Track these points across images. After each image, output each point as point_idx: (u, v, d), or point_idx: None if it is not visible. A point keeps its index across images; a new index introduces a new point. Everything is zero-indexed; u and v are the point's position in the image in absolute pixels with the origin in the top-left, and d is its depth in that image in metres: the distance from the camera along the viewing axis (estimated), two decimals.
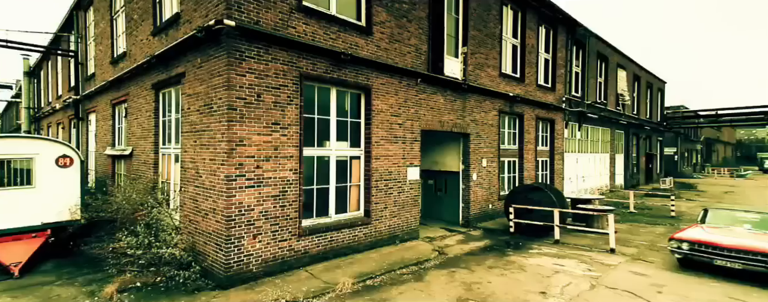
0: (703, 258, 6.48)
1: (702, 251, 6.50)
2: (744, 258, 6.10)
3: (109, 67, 10.55)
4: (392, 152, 8.34)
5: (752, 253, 6.03)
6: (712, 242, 6.46)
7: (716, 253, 6.34)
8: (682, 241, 6.77)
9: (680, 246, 6.76)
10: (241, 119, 5.78)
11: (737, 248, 6.20)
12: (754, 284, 6.09)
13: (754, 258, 6.01)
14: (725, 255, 6.27)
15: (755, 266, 6.01)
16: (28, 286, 5.89)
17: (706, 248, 6.46)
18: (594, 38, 17.87)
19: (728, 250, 6.25)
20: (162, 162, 8.04)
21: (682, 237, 6.83)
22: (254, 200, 5.96)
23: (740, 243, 6.27)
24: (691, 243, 6.66)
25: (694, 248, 6.60)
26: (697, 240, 6.63)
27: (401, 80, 8.49)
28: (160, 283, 5.69)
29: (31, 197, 7.01)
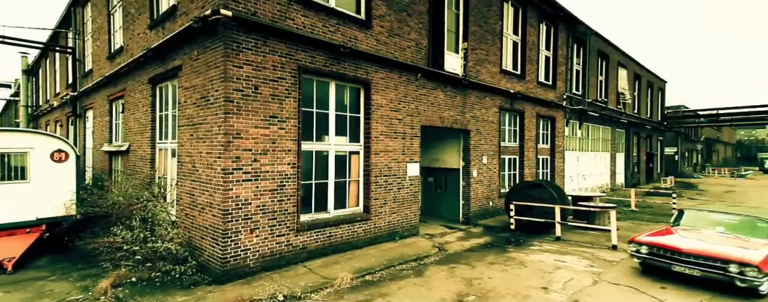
0: (661, 264, 5.80)
1: (661, 255, 5.82)
2: (703, 264, 5.41)
3: (106, 63, 10.46)
4: (392, 147, 8.25)
5: (711, 259, 5.34)
6: (670, 246, 5.75)
7: (674, 258, 5.66)
8: (641, 244, 6.06)
9: (639, 249, 6.07)
10: (238, 112, 5.68)
11: (696, 253, 5.48)
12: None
13: (712, 265, 5.32)
14: (684, 261, 5.56)
15: (713, 273, 5.31)
16: (22, 281, 5.79)
17: (665, 252, 5.77)
18: (594, 36, 17.79)
19: (687, 255, 5.54)
20: (159, 157, 7.94)
21: (641, 240, 6.14)
22: (251, 194, 5.87)
23: (699, 248, 5.55)
24: (650, 247, 5.95)
25: (653, 252, 5.90)
26: (656, 244, 5.93)
27: (401, 74, 8.40)
28: (156, 278, 5.59)
29: (25, 192, 6.92)
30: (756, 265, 5.03)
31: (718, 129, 54.30)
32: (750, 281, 5.08)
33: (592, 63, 17.68)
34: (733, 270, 5.13)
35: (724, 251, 5.39)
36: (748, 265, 5.05)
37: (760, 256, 5.20)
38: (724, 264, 5.21)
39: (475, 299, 5.23)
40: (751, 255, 5.23)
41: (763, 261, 5.11)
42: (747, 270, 5.06)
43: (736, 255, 5.24)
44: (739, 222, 6.38)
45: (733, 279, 5.17)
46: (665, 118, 29.44)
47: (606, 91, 19.23)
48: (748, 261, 5.08)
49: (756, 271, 5.02)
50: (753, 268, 5.03)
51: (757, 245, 5.64)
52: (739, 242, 5.78)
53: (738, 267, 5.11)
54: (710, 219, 6.69)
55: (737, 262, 5.13)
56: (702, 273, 5.41)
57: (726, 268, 5.19)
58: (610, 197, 15.40)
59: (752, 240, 5.85)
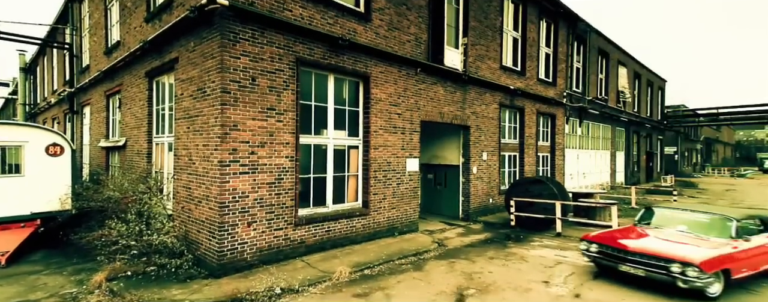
0: (609, 263, 5.45)
1: (609, 254, 5.46)
2: (647, 263, 5.03)
3: (103, 58, 10.38)
4: (391, 142, 8.17)
5: (654, 258, 4.96)
6: (618, 244, 5.42)
7: (621, 257, 5.30)
8: (591, 242, 5.68)
9: (589, 248, 5.70)
10: (235, 103, 5.60)
11: (641, 252, 5.13)
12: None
13: (656, 264, 4.93)
14: (630, 261, 5.19)
15: (656, 273, 4.93)
16: (15, 275, 5.70)
17: (613, 251, 5.41)
18: (595, 34, 17.74)
19: (633, 254, 5.19)
20: (156, 152, 7.86)
21: (592, 238, 5.78)
22: (249, 186, 5.79)
23: (644, 247, 5.23)
24: (600, 245, 5.58)
25: (602, 251, 5.53)
26: (605, 242, 5.58)
27: (400, 68, 8.32)
28: (151, 272, 5.50)
29: (19, 186, 6.84)
30: (697, 265, 4.59)
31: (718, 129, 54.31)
32: (691, 282, 4.64)
33: (592, 61, 17.62)
34: (675, 270, 4.72)
35: (668, 250, 5.02)
36: (689, 265, 4.63)
37: (704, 255, 4.77)
38: (667, 263, 4.81)
39: (475, 292, 5.15)
40: (693, 253, 4.82)
41: (706, 260, 4.67)
42: (688, 269, 4.63)
43: (679, 253, 4.85)
44: (705, 220, 5.89)
45: (674, 279, 4.75)
46: (665, 117, 29.40)
47: (606, 89, 19.17)
48: (688, 260, 4.66)
49: (697, 271, 4.59)
50: (694, 268, 4.60)
51: (714, 244, 5.22)
52: (696, 241, 5.37)
53: (680, 266, 4.70)
54: (676, 217, 6.20)
55: (679, 261, 4.72)
56: (646, 273, 5.02)
57: (668, 268, 4.78)
58: (610, 195, 15.33)
59: (712, 238, 5.42)
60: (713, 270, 4.71)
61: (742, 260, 5.11)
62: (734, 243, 5.27)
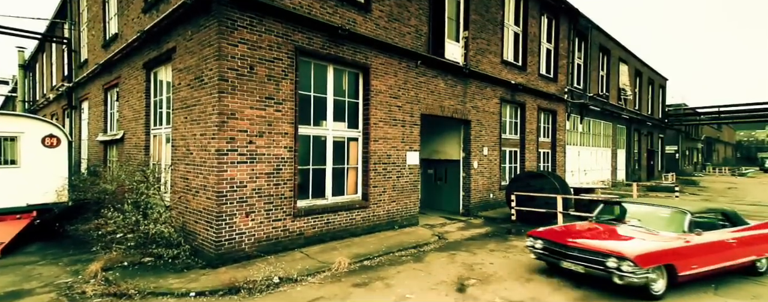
0: (552, 259, 5.15)
1: (552, 250, 5.14)
2: (586, 259, 4.72)
3: (101, 51, 10.31)
4: (391, 134, 8.09)
5: (592, 253, 4.66)
6: (561, 240, 5.10)
7: (562, 253, 4.98)
8: (537, 238, 5.38)
9: (534, 244, 5.38)
10: (233, 91, 5.53)
11: (580, 247, 4.83)
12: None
13: (594, 260, 4.62)
14: (570, 256, 4.89)
15: (594, 269, 4.63)
16: (10, 266, 5.62)
17: (555, 247, 5.11)
18: (596, 30, 17.66)
19: (572, 249, 4.88)
20: (153, 144, 7.78)
21: (537, 233, 5.47)
22: (247, 176, 5.71)
23: (585, 241, 4.92)
24: (545, 241, 5.27)
25: (546, 247, 5.23)
26: (549, 237, 5.28)
27: (401, 60, 8.25)
28: (148, 262, 5.43)
29: (15, 177, 6.76)
30: (632, 259, 4.28)
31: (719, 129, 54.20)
32: (627, 277, 4.31)
33: (594, 57, 17.54)
34: (611, 265, 4.41)
35: (605, 244, 4.77)
36: (624, 259, 4.33)
37: (640, 249, 4.48)
38: (604, 258, 4.52)
39: (476, 282, 5.08)
40: (629, 247, 4.57)
41: (642, 255, 4.36)
42: (623, 264, 4.32)
43: (615, 247, 4.58)
44: (659, 214, 5.53)
45: (611, 274, 4.45)
46: (666, 115, 29.31)
47: (607, 86, 19.08)
48: (623, 254, 4.36)
49: (631, 266, 4.27)
50: (628, 262, 4.29)
51: (662, 238, 4.90)
52: (644, 235, 5.04)
53: (615, 261, 4.39)
54: (632, 212, 5.87)
55: (615, 256, 4.42)
56: (585, 270, 4.71)
57: (604, 263, 4.49)
58: (611, 191, 15.25)
59: (662, 233, 5.07)
60: (651, 265, 4.36)
61: (691, 256, 4.72)
62: (686, 237, 4.90)
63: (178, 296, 4.40)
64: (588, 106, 16.38)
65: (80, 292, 4.52)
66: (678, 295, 4.73)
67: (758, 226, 5.71)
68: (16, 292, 4.62)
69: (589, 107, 16.59)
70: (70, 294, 4.51)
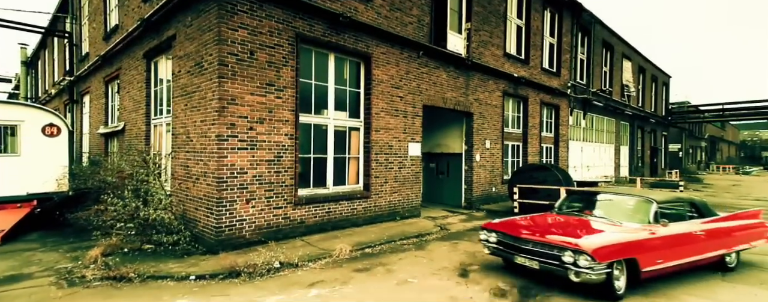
0: (506, 254, 4.65)
1: (506, 244, 4.65)
2: (541, 253, 4.24)
3: (102, 44, 10.29)
4: (393, 125, 8.03)
5: (548, 246, 4.18)
6: (515, 232, 4.61)
7: (517, 247, 4.50)
8: (492, 231, 4.87)
9: (488, 237, 4.89)
10: (233, 77, 5.48)
11: (535, 240, 4.35)
12: None
13: (550, 254, 4.15)
14: (524, 250, 4.40)
15: (550, 264, 4.13)
16: (10, 252, 5.59)
17: (509, 240, 4.62)
18: (599, 26, 17.55)
19: (527, 243, 4.40)
20: (154, 134, 7.75)
21: (493, 226, 4.95)
22: (247, 162, 5.67)
23: (539, 234, 4.45)
24: (499, 234, 4.77)
25: (501, 240, 4.73)
26: (504, 230, 4.75)
27: (402, 50, 8.19)
28: (148, 249, 5.40)
29: (16, 166, 6.74)
30: (588, 253, 3.79)
31: (723, 128, 53.88)
32: (584, 274, 3.82)
33: (597, 53, 17.43)
34: (567, 260, 3.93)
35: (561, 236, 4.26)
36: (580, 252, 3.85)
37: (597, 241, 4.01)
38: (560, 252, 4.03)
39: (478, 269, 5.01)
40: (585, 239, 4.08)
41: (600, 247, 3.87)
42: (579, 258, 3.85)
43: (571, 240, 4.06)
44: (623, 204, 5.10)
45: (566, 271, 3.96)
46: (669, 113, 29.15)
47: (610, 82, 18.96)
48: (579, 247, 3.88)
49: (588, 260, 3.78)
50: (585, 256, 3.80)
51: (624, 230, 4.43)
52: (606, 226, 4.58)
53: (572, 255, 3.90)
54: (596, 203, 5.38)
55: (571, 249, 3.93)
56: (540, 266, 4.22)
57: (560, 258, 4.01)
58: (614, 186, 15.13)
59: (625, 224, 4.64)
60: (610, 260, 3.86)
61: (656, 249, 4.24)
62: (651, 228, 4.44)
63: (178, 279, 4.36)
64: (591, 101, 16.27)
65: (80, 276, 4.48)
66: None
67: (728, 217, 5.29)
68: (16, 276, 4.59)
69: (593, 103, 16.48)
70: (69, 277, 4.47)
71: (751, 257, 5.72)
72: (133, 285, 4.26)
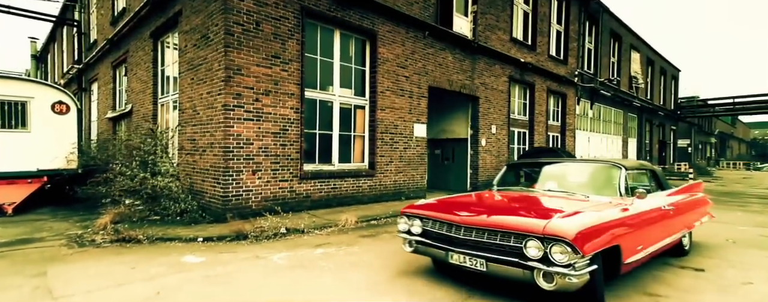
0: (436, 250, 3.07)
1: (436, 236, 3.12)
2: (488, 247, 2.78)
3: (109, 29, 10.38)
4: (398, 104, 8.01)
5: (502, 236, 2.72)
6: (448, 217, 3.08)
7: (452, 239, 2.99)
8: (413, 217, 3.31)
9: (410, 228, 3.31)
10: (239, 47, 5.50)
11: (478, 225, 2.86)
12: None
13: (501, 247, 2.72)
14: (462, 244, 2.91)
15: (505, 263, 2.66)
16: (22, 221, 5.69)
17: (440, 228, 3.10)
18: (607, 15, 17.34)
19: (468, 231, 2.91)
20: (161, 113, 7.81)
21: (415, 209, 3.36)
22: (253, 134, 5.68)
23: (486, 218, 2.91)
24: (426, 221, 3.22)
25: (427, 230, 3.21)
26: (432, 214, 3.20)
27: (408, 30, 8.16)
28: (156, 219, 5.43)
29: (26, 142, 6.82)
30: (568, 240, 2.42)
31: (733, 125, 53.05)
32: (563, 274, 2.41)
33: (604, 43, 17.24)
34: (533, 254, 2.54)
35: (520, 219, 2.79)
36: (554, 240, 2.46)
37: (577, 223, 2.57)
38: (519, 241, 2.62)
39: None
40: (559, 221, 2.59)
41: (582, 232, 2.49)
42: (555, 250, 2.46)
43: (539, 223, 2.59)
44: (584, 173, 3.93)
45: (533, 272, 2.54)
46: (679, 107, 28.77)
47: (618, 73, 18.74)
48: (553, 233, 2.47)
49: (568, 252, 2.42)
50: (562, 246, 2.44)
51: (597, 206, 3.06)
52: (568, 203, 3.25)
53: (540, 246, 2.52)
54: (548, 174, 4.09)
55: (538, 236, 2.53)
56: (488, 266, 2.73)
57: (521, 251, 2.60)
58: None
59: (593, 197, 3.39)
60: (596, 250, 2.54)
61: (635, 231, 3.02)
62: (624, 202, 3.22)
63: (186, 241, 4.39)
64: (598, 91, 16.09)
65: (90, 240, 4.53)
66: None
67: (682, 190, 4.33)
68: (28, 239, 4.65)
69: (600, 93, 16.31)
70: (80, 241, 4.52)
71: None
72: (142, 245, 4.30)
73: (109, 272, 3.38)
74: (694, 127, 35.09)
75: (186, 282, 3.12)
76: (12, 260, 3.80)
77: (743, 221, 6.63)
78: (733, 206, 8.78)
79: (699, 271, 3.68)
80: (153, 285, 3.03)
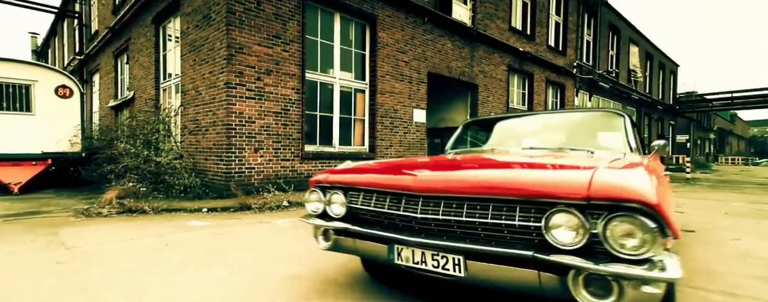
0: (366, 247, 1.79)
1: (368, 217, 1.83)
2: (465, 227, 1.51)
3: (111, 18, 10.46)
4: (398, 89, 8.10)
5: (489, 204, 1.45)
6: (392, 182, 1.74)
7: (400, 221, 1.68)
8: (332, 188, 1.98)
9: (329, 205, 1.98)
10: (241, 25, 5.58)
11: (451, 190, 1.55)
12: None
13: (490, 230, 1.45)
14: (419, 228, 1.63)
15: (515, 253, 1.35)
16: (28, 199, 5.78)
17: (379, 202, 1.77)
18: (606, 7, 17.43)
19: (425, 206, 1.60)
20: (164, 97, 7.89)
21: (334, 177, 2.00)
22: (255, 112, 5.77)
23: (460, 176, 1.73)
24: (352, 193, 1.90)
25: (354, 208, 1.87)
26: (362, 182, 1.87)
27: (408, 15, 8.24)
28: (160, 196, 5.52)
29: (30, 125, 6.91)
30: (649, 206, 1.20)
31: (732, 121, 53.16)
32: (637, 279, 1.19)
33: (603, 35, 17.33)
34: (564, 239, 1.32)
35: (537, 174, 1.60)
36: (621, 207, 1.23)
37: (647, 182, 1.31)
38: (532, 216, 1.39)
39: None
40: (623, 176, 1.36)
41: (660, 195, 1.27)
42: (617, 229, 1.23)
43: (576, 179, 1.36)
44: (574, 125, 2.89)
45: (566, 276, 1.30)
46: (677, 102, 28.87)
47: (616, 66, 18.84)
48: (617, 195, 1.24)
49: (649, 231, 1.19)
50: (636, 219, 1.20)
51: (616, 163, 1.71)
52: (578, 160, 1.99)
53: (580, 222, 1.29)
54: (519, 130, 3.06)
55: (577, 203, 1.30)
56: (469, 271, 1.48)
57: (535, 236, 1.38)
58: None
59: (598, 154, 2.25)
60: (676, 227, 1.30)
61: (667, 199, 1.53)
62: (641, 160, 1.92)
63: (191, 211, 4.49)
64: (597, 83, 16.18)
65: (97, 212, 4.62)
66: None
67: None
68: (36, 211, 4.75)
69: (599, 85, 16.39)
70: (86, 213, 4.61)
71: None
72: (148, 215, 4.39)
73: (118, 232, 3.48)
74: (693, 123, 35.19)
75: (193, 238, 3.23)
76: (23, 224, 3.90)
77: (738, 199, 6.74)
78: (729, 191, 8.88)
79: (689, 232, 3.79)
80: (161, 240, 3.13)
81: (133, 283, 2.19)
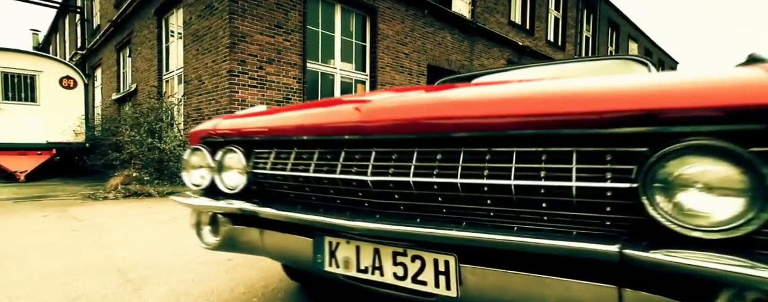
0: (284, 242, 1.01)
1: (275, 189, 1.08)
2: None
3: (113, 12, 10.54)
4: (398, 81, 8.19)
5: (503, 142, 0.73)
6: (302, 124, 0.98)
7: (318, 196, 0.98)
8: (216, 145, 1.21)
9: (214, 177, 1.19)
10: (243, 14, 5.67)
11: (426, 119, 0.79)
12: None
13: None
14: (377, 201, 0.86)
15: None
16: (35, 186, 5.87)
17: (287, 160, 1.02)
18: (605, 3, 17.50)
19: (373, 143, 0.87)
20: (167, 89, 7.98)
21: (221, 126, 1.26)
22: (257, 100, 5.86)
23: (434, 100, 0.85)
24: (252, 144, 1.15)
25: (262, 169, 1.07)
26: (259, 128, 1.12)
27: (408, 8, 8.32)
28: (164, 181, 5.62)
29: (35, 115, 7.01)
30: None
31: None
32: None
33: (602, 31, 17.40)
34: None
35: (647, 80, 0.66)
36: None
37: None
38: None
39: None
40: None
41: None
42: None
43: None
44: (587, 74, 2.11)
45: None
46: None
47: None
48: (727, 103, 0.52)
49: None
50: None
51: None
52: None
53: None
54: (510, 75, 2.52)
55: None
56: (464, 285, 0.75)
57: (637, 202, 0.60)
58: None
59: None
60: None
61: None
62: None
63: None
64: None
65: (103, 197, 4.72)
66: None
67: None
68: (44, 196, 4.84)
69: None
70: (93, 197, 4.71)
71: None
72: (154, 198, 4.49)
73: (127, 209, 3.60)
74: None
75: None
76: (32, 205, 4.01)
77: None
78: None
79: None
80: (170, 215, 3.23)
81: (145, 243, 2.29)
